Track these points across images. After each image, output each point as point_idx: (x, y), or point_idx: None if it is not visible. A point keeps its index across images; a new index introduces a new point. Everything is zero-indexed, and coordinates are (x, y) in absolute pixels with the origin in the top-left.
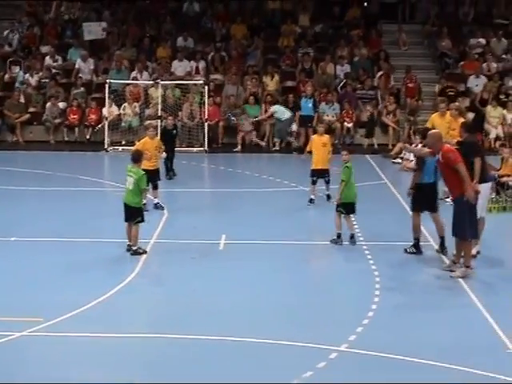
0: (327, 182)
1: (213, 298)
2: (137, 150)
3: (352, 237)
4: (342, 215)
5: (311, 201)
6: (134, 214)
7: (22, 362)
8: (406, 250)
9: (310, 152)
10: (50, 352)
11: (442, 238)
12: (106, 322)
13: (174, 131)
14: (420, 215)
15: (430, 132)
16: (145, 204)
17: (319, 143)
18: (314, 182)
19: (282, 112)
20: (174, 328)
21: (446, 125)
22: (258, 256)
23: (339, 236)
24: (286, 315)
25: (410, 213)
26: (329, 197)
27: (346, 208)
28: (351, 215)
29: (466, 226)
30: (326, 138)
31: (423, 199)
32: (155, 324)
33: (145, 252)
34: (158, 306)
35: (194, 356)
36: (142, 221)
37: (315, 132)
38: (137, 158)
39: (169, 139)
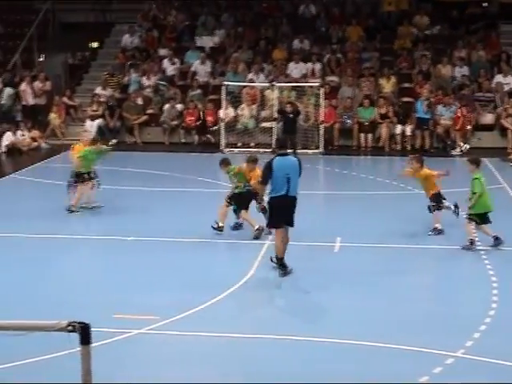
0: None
1: (327, 301)
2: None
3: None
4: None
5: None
6: None
7: (138, 359)
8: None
9: None
10: (166, 350)
11: None
12: (220, 322)
13: (291, 115)
14: None
15: None
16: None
17: None
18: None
19: None
20: (292, 329)
21: None
22: (373, 259)
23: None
24: (402, 320)
25: None
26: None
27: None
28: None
29: None
30: None
31: None
32: (266, 324)
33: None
34: (270, 307)
35: (305, 358)
36: None
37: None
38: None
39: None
